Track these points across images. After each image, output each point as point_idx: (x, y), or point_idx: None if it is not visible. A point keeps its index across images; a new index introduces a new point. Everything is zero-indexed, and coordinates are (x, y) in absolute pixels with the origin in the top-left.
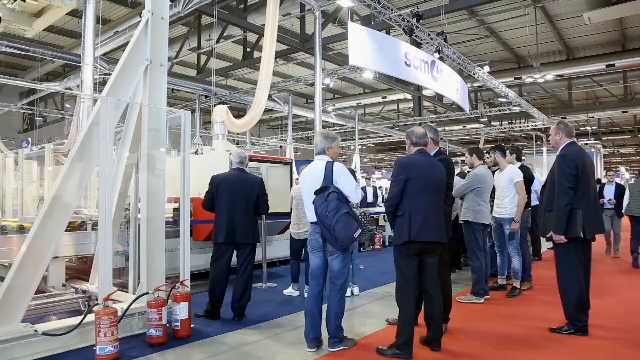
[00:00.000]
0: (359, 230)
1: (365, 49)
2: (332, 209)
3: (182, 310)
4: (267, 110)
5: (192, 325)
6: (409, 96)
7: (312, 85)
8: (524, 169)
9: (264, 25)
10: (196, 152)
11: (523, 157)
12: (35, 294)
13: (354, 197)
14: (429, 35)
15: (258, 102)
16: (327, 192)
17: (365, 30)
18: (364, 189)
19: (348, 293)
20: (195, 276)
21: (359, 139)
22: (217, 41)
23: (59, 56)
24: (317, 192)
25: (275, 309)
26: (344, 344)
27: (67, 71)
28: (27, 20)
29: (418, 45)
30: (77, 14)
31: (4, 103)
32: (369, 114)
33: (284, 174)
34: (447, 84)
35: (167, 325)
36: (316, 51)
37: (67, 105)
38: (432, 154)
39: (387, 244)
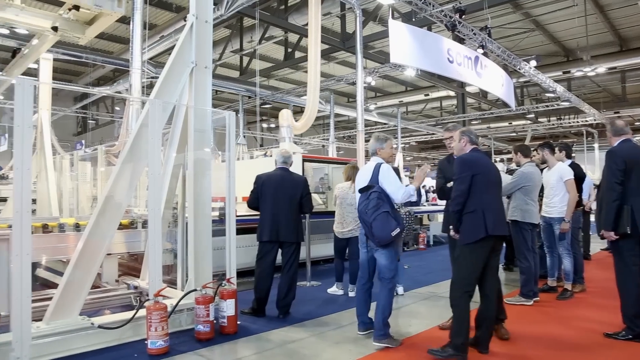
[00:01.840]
0: (397, 230)
1: (407, 47)
2: (371, 207)
3: (228, 307)
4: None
5: (238, 322)
6: (452, 93)
7: (354, 84)
8: (575, 167)
9: (304, 25)
10: (265, 155)
11: (573, 154)
12: (91, 288)
13: (397, 197)
14: (472, 30)
15: (311, 104)
16: (370, 191)
17: (406, 27)
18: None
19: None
20: (240, 274)
21: (402, 137)
22: (259, 42)
23: (109, 61)
24: (361, 191)
25: (320, 307)
26: (389, 341)
27: (116, 75)
28: (80, 29)
29: (461, 41)
30: (125, 20)
31: (60, 107)
32: (411, 112)
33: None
34: (492, 79)
35: (215, 321)
36: (357, 50)
37: (117, 108)
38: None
39: (431, 243)
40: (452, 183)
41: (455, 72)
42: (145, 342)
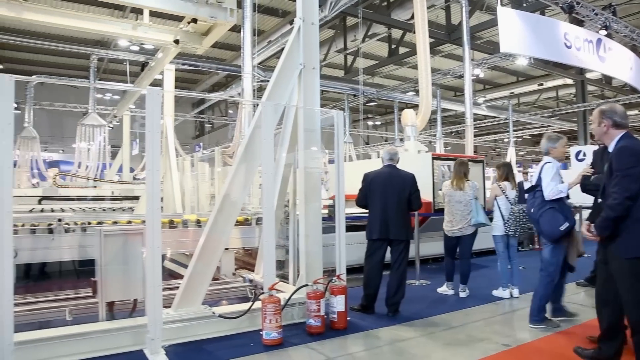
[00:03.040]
0: (566, 224)
1: (518, 34)
2: (537, 204)
3: (339, 303)
4: (414, 106)
5: (348, 318)
6: (569, 81)
7: (461, 77)
8: None
9: (408, 20)
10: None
11: None
12: (211, 280)
13: (545, 194)
14: (593, 10)
15: (425, 99)
16: (536, 189)
17: (516, 13)
18: (520, 184)
19: (506, 295)
20: (349, 270)
21: (514, 130)
22: (363, 40)
23: (223, 68)
24: (527, 191)
25: (429, 307)
26: (545, 324)
27: (229, 81)
28: (198, 40)
29: (579, 23)
30: (235, 28)
31: (180, 113)
32: (523, 103)
33: (476, 172)
34: (618, 63)
35: (325, 316)
36: (464, 41)
37: (231, 112)
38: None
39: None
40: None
41: (574, 57)
42: (260, 332)
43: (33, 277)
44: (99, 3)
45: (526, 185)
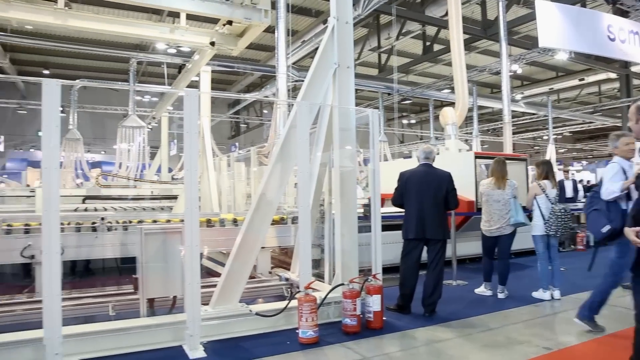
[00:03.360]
0: (607, 227)
1: (558, 28)
2: (587, 204)
3: (374, 303)
4: (449, 104)
5: (384, 318)
6: (613, 75)
7: (498, 73)
8: None
9: (442, 17)
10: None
11: None
12: (248, 279)
13: (601, 194)
14: (638, 0)
15: (461, 97)
16: (592, 190)
17: (556, 6)
18: (561, 182)
19: (547, 297)
20: (385, 270)
21: (553, 127)
22: (397, 38)
23: (257, 69)
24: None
25: (467, 308)
26: (589, 324)
27: (263, 81)
28: (233, 41)
29: (624, 14)
30: (269, 29)
31: (216, 114)
32: (563, 99)
33: (519, 170)
34: None
35: (361, 315)
36: (501, 36)
37: (265, 111)
38: None
39: (591, 243)
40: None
41: (618, 50)
42: (296, 331)
43: (78, 273)
44: (138, 8)
45: (567, 185)
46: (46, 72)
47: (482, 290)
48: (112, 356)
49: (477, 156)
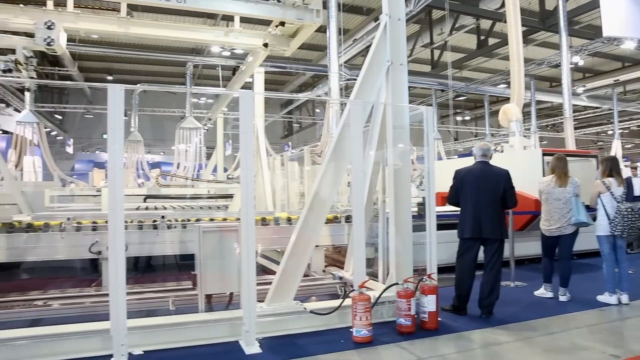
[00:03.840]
0: None
1: (623, 15)
2: None
3: (429, 303)
4: (505, 99)
5: (439, 319)
6: None
7: (557, 66)
8: None
9: (497, 9)
10: (496, 150)
11: None
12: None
13: None
14: None
15: (517, 92)
16: None
17: None
18: (628, 180)
19: (614, 301)
20: (439, 270)
21: (619, 121)
22: (450, 33)
23: (309, 69)
24: None
25: (526, 310)
26: None
27: (315, 81)
28: (286, 42)
29: None
30: (321, 29)
31: (270, 114)
32: (630, 91)
33: (588, 168)
34: None
35: (416, 316)
36: (560, 27)
37: (317, 111)
38: None
39: None
40: None
41: None
42: (350, 329)
43: (140, 269)
44: (193, 13)
45: (635, 182)
46: (110, 78)
47: (542, 292)
48: (173, 349)
49: (545, 153)
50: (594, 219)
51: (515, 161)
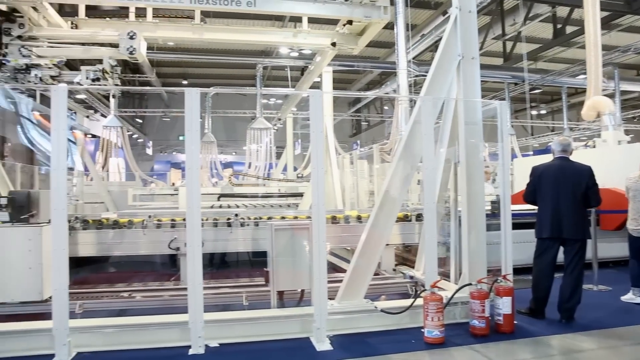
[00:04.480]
0: None
1: None
2: None
3: (505, 305)
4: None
5: (515, 322)
6: None
7: None
8: None
9: None
10: (587, 146)
11: None
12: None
13: None
14: None
15: (593, 84)
16: None
17: None
18: None
19: None
20: (515, 271)
21: None
22: (523, 23)
23: (377, 66)
24: None
25: (611, 316)
26: None
27: (383, 78)
28: (354, 40)
29: None
30: (388, 25)
31: (338, 112)
32: None
33: None
34: None
35: (490, 318)
36: None
37: (386, 108)
38: None
39: None
40: None
41: None
42: (422, 330)
43: (215, 265)
44: (261, 16)
45: None
46: (185, 82)
47: (630, 297)
48: (246, 343)
49: None
50: None
51: (610, 157)
